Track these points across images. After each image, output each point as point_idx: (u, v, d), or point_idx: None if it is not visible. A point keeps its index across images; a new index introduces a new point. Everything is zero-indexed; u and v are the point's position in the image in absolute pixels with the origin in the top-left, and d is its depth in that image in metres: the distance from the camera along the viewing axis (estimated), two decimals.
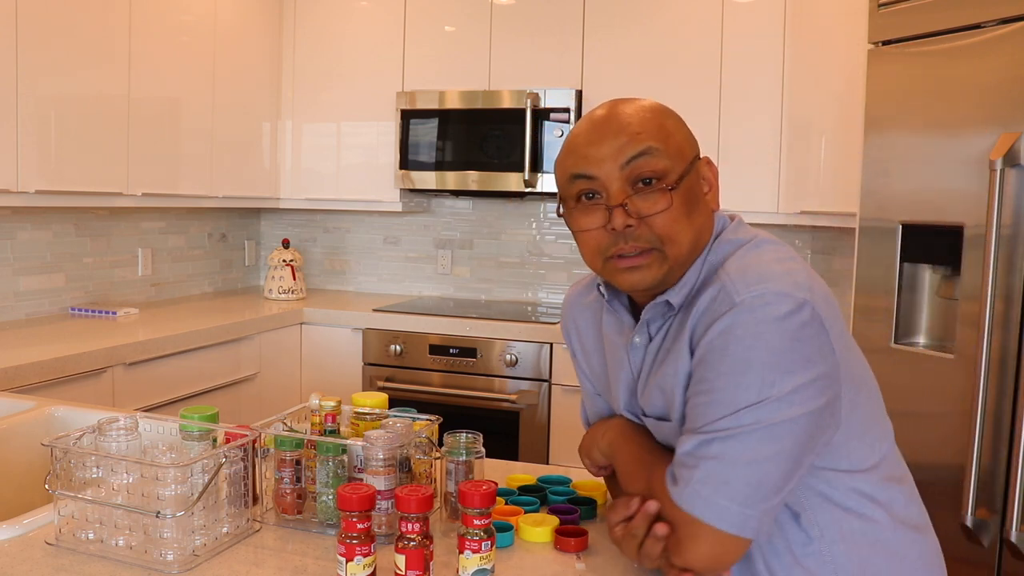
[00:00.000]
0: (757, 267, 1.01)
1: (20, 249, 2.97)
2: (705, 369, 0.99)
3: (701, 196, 1.09)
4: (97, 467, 1.20)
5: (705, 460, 0.97)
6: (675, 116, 1.11)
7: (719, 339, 0.98)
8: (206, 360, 2.97)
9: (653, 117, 1.08)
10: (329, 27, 3.77)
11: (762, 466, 0.95)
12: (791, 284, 0.98)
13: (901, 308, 2.23)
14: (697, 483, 0.97)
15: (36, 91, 2.55)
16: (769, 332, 0.95)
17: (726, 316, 0.97)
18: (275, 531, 1.25)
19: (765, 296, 0.96)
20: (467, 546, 1.07)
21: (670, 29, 3.34)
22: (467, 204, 4.02)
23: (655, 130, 1.06)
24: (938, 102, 2.10)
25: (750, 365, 0.95)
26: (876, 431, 1.10)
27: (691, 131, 1.11)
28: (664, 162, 1.04)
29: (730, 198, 3.25)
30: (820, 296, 1.00)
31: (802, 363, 0.96)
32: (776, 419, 0.95)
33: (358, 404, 1.42)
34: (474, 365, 3.28)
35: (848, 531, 1.06)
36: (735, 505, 0.95)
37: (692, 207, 1.06)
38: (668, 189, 1.04)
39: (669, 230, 1.04)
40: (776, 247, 1.07)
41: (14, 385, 2.20)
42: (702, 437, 0.97)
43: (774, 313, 0.96)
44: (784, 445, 0.96)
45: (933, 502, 2.04)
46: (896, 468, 1.13)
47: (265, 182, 3.79)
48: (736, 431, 0.95)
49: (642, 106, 1.09)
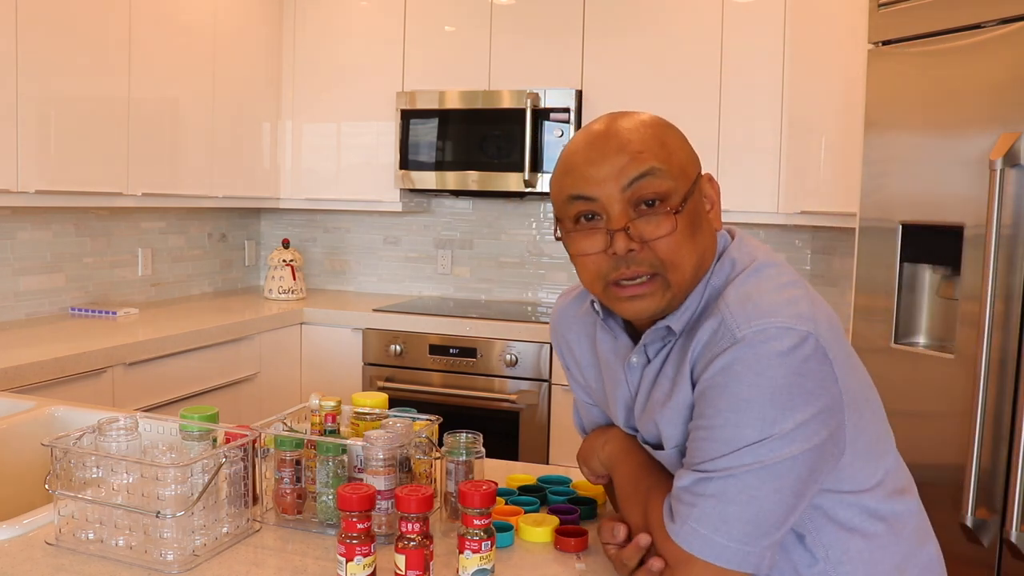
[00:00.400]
0: (758, 297, 0.97)
1: (20, 249, 2.97)
2: (705, 405, 0.97)
3: (704, 216, 1.05)
4: (97, 467, 1.20)
5: (703, 498, 0.94)
6: (676, 132, 1.06)
7: (720, 376, 0.95)
8: (206, 360, 2.97)
9: (655, 134, 1.03)
10: (329, 27, 3.77)
11: (762, 504, 0.93)
12: (794, 316, 0.94)
13: (901, 308, 2.23)
14: (694, 521, 0.95)
15: (36, 91, 2.55)
16: (771, 369, 0.93)
17: (728, 352, 0.95)
18: (275, 531, 1.25)
19: (767, 331, 0.93)
20: (467, 546, 1.07)
21: (670, 29, 3.34)
22: (467, 204, 4.02)
23: (657, 148, 1.01)
24: (938, 102, 2.10)
25: (751, 403, 0.93)
26: (879, 448, 1.07)
27: (692, 147, 1.07)
28: (667, 183, 1.00)
29: (730, 198, 3.26)
30: (823, 324, 0.97)
31: (804, 398, 0.93)
32: (777, 457, 0.93)
33: (358, 404, 1.42)
34: (474, 365, 3.28)
35: (854, 550, 1.04)
36: (734, 543, 0.93)
37: (695, 229, 1.02)
38: (672, 212, 0.99)
39: (673, 255, 1.00)
40: (777, 271, 1.02)
41: (14, 385, 2.20)
42: (700, 475, 0.95)
43: (777, 349, 0.93)
44: (785, 482, 0.93)
45: (933, 502, 2.05)
46: (900, 480, 1.10)
47: (265, 182, 3.79)
48: (736, 470, 0.93)
49: (643, 121, 1.04)
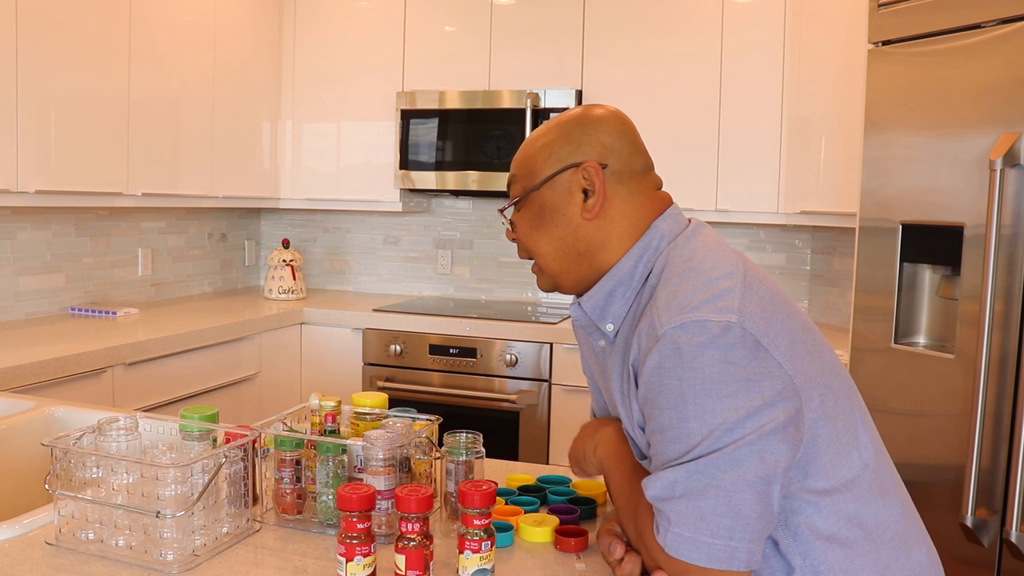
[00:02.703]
0: (682, 295, 0.99)
1: (20, 249, 2.97)
2: (650, 408, 1.00)
3: (561, 208, 1.14)
4: (97, 467, 1.20)
5: (674, 500, 0.95)
6: (558, 131, 1.16)
7: (653, 375, 0.98)
8: (206, 360, 2.97)
9: (532, 142, 1.18)
10: (329, 27, 3.77)
11: (731, 495, 0.93)
12: (714, 309, 0.96)
13: (901, 308, 2.23)
14: (676, 526, 0.95)
15: (36, 91, 2.55)
16: (695, 360, 0.95)
17: (654, 352, 0.98)
18: (275, 531, 1.25)
19: (686, 326, 0.96)
20: (467, 546, 1.07)
21: (670, 29, 3.34)
22: (467, 204, 4.02)
23: (518, 159, 1.18)
24: (938, 102, 2.10)
25: (685, 397, 0.95)
26: (849, 439, 1.04)
27: (567, 141, 1.15)
28: (518, 188, 1.18)
29: (730, 198, 3.28)
30: (754, 313, 0.98)
31: (741, 384, 0.94)
32: (730, 444, 0.93)
33: (358, 404, 1.42)
34: (474, 365, 3.28)
35: (832, 559, 1.01)
36: (719, 540, 0.93)
37: (544, 222, 1.15)
38: (501, 211, 1.20)
39: (526, 244, 1.18)
40: (710, 265, 1.03)
41: (14, 385, 2.20)
42: (663, 479, 0.96)
43: (697, 340, 0.95)
44: (748, 468, 0.93)
45: (933, 502, 2.05)
46: (882, 480, 1.07)
47: (265, 182, 3.79)
48: (693, 464, 0.94)
49: (539, 127, 1.19)
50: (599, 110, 1.17)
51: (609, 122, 1.15)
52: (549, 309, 3.68)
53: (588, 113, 1.16)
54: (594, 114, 1.16)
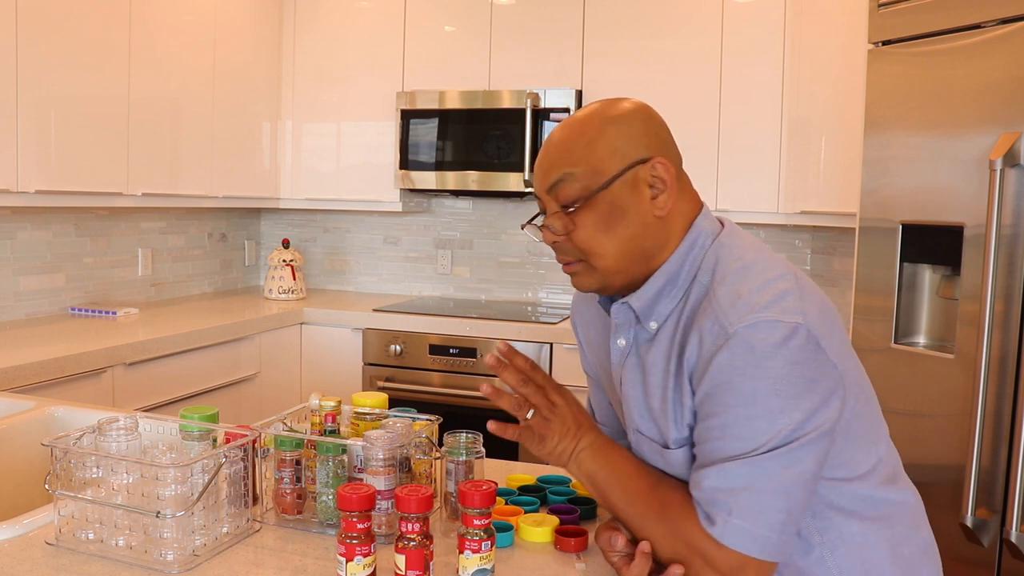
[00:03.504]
0: (747, 295, 1.00)
1: (20, 249, 2.97)
2: (713, 404, 1.00)
3: (632, 204, 1.07)
4: (97, 467, 1.20)
5: (736, 492, 0.97)
6: (602, 128, 1.08)
7: (722, 374, 0.98)
8: (206, 360, 2.97)
9: (573, 138, 1.08)
10: (329, 27, 3.77)
11: (789, 491, 0.97)
12: (780, 310, 0.98)
13: (901, 308, 2.23)
14: (737, 518, 0.97)
15: (36, 91, 2.55)
16: (768, 360, 0.96)
17: (723, 350, 0.98)
18: (275, 531, 1.25)
19: (758, 326, 0.97)
20: (467, 546, 1.07)
21: (670, 29, 3.34)
22: (467, 204, 4.02)
23: (567, 155, 1.08)
24: (938, 102, 2.10)
25: (756, 396, 0.97)
26: (872, 436, 1.10)
27: (630, 136, 1.08)
28: (576, 185, 1.07)
29: (730, 198, 3.28)
30: (813, 315, 1.00)
31: (807, 386, 0.97)
32: (794, 444, 0.96)
33: (358, 404, 1.42)
34: (474, 365, 3.28)
35: (848, 535, 1.07)
36: (774, 534, 0.97)
37: (614, 220, 1.07)
38: (568, 213, 1.08)
39: (586, 244, 1.09)
40: (764, 266, 1.05)
41: (14, 385, 2.20)
42: (728, 472, 0.98)
43: (770, 341, 0.96)
44: (806, 466, 0.97)
45: (933, 502, 2.04)
46: (893, 467, 1.14)
47: (265, 182, 3.79)
48: (757, 459, 0.96)
49: (572, 125, 1.10)
50: (633, 102, 1.12)
51: (654, 115, 1.12)
52: (549, 309, 3.68)
53: (631, 104, 1.11)
54: (636, 105, 1.11)
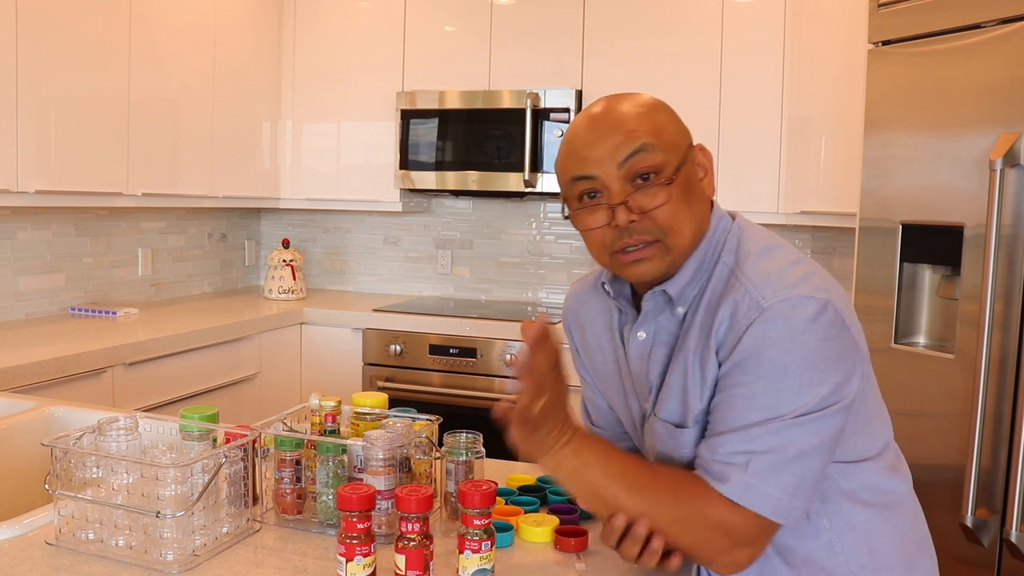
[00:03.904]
0: (777, 273, 1.03)
1: (20, 249, 2.97)
2: (742, 374, 1.01)
3: (697, 184, 1.11)
4: (97, 467, 1.20)
5: (755, 455, 0.99)
6: (667, 109, 1.13)
7: (754, 345, 1.00)
8: (206, 360, 2.96)
9: (646, 112, 1.09)
10: (329, 27, 3.77)
11: (806, 457, 0.99)
12: (811, 287, 1.01)
13: (901, 308, 2.23)
14: (750, 475, 0.99)
15: (36, 91, 2.55)
16: (802, 335, 0.99)
17: (757, 323, 1.00)
18: (275, 531, 1.25)
19: (791, 301, 1.00)
20: (467, 546, 1.07)
21: (670, 29, 3.34)
22: (467, 204, 4.02)
23: (648, 125, 1.07)
24: (938, 102, 2.10)
25: (787, 368, 0.99)
26: (880, 419, 1.14)
27: (682, 122, 1.14)
28: (659, 156, 1.06)
29: (730, 198, 3.28)
30: (836, 295, 1.04)
31: (834, 360, 1.00)
32: (817, 414, 0.99)
33: (358, 404, 1.42)
34: (474, 365, 3.28)
35: (856, 520, 1.09)
36: (785, 496, 0.99)
37: (690, 196, 1.09)
38: (666, 183, 1.06)
39: (671, 221, 1.06)
40: (784, 250, 1.09)
41: (14, 385, 2.20)
42: (747, 434, 0.99)
43: (804, 316, 0.99)
44: (826, 436, 1.00)
45: (933, 502, 2.05)
46: (897, 458, 1.17)
47: (265, 182, 3.79)
48: (778, 424, 0.98)
49: (636, 102, 1.11)
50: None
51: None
52: (549, 309, 3.68)
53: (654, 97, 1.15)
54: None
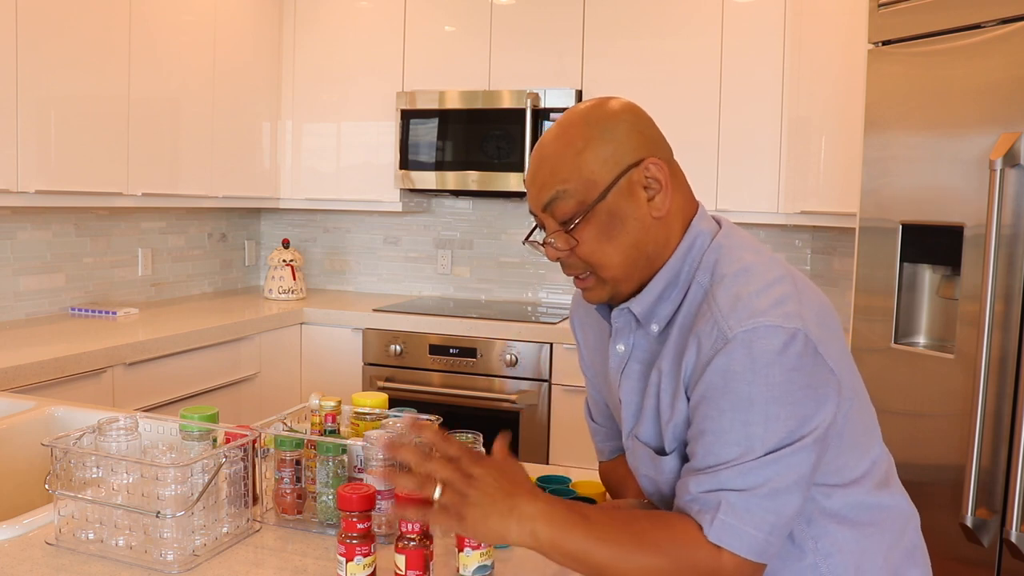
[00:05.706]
0: (747, 298, 0.99)
1: (20, 249, 2.97)
2: (708, 407, 0.98)
3: (630, 212, 1.05)
4: (97, 467, 1.20)
5: (725, 493, 0.95)
6: (597, 134, 1.06)
7: (719, 378, 0.97)
8: (206, 360, 2.96)
9: (567, 149, 1.05)
10: (329, 27, 3.77)
11: (780, 494, 0.95)
12: (781, 315, 0.97)
13: (901, 308, 2.23)
14: (723, 514, 0.95)
15: (36, 91, 2.55)
16: (768, 367, 0.95)
17: (722, 354, 0.97)
18: (275, 531, 1.25)
19: (758, 330, 0.96)
20: (467, 543, 1.07)
21: (670, 29, 3.34)
22: (467, 204, 4.02)
23: (565, 169, 1.05)
24: (938, 102, 2.10)
25: (753, 402, 0.95)
26: (867, 441, 1.09)
27: (620, 139, 1.06)
28: (571, 203, 1.05)
29: (730, 198, 3.28)
30: (812, 320, 0.99)
31: (803, 392, 0.96)
32: (787, 449, 0.95)
33: (358, 404, 1.42)
34: (474, 365, 3.28)
35: (843, 543, 1.06)
36: (760, 533, 0.95)
37: (615, 230, 1.05)
38: (567, 231, 1.05)
39: (591, 259, 1.07)
40: (765, 268, 1.03)
41: (14, 385, 2.20)
42: (717, 476, 0.96)
43: (769, 347, 0.95)
44: (798, 471, 0.96)
45: (933, 502, 2.05)
46: (886, 471, 1.13)
47: (265, 182, 3.79)
48: (752, 466, 0.95)
49: (563, 132, 1.07)
50: (617, 102, 1.10)
51: (639, 113, 1.10)
52: (549, 309, 3.68)
53: (615, 106, 1.08)
54: (621, 106, 1.09)
